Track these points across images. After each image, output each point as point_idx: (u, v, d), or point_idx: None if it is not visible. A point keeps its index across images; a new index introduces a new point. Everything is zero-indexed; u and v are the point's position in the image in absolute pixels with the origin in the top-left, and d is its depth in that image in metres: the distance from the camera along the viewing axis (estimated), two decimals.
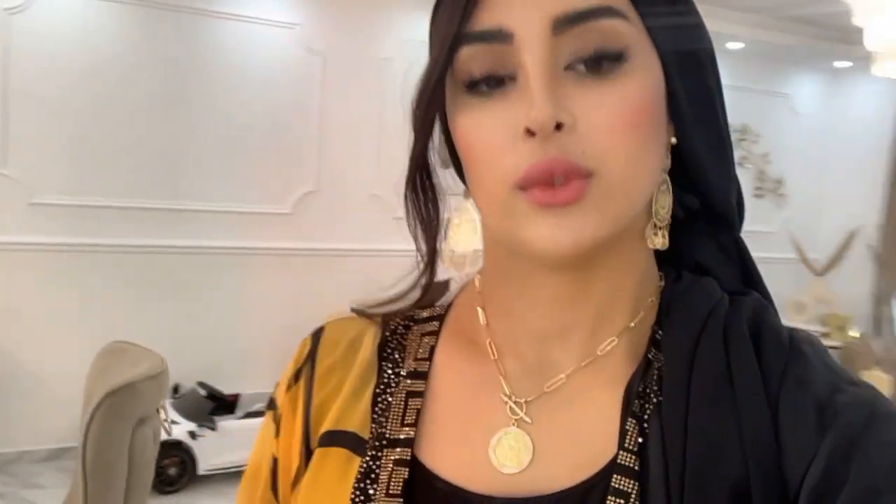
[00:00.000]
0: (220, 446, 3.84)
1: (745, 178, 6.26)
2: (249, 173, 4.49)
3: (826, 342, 3.69)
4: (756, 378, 0.50)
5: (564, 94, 0.50)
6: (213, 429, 3.81)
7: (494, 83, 0.52)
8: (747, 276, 0.61)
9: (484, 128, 0.52)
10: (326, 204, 4.72)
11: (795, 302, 5.86)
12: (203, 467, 3.85)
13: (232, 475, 4.04)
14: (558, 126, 0.49)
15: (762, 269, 0.61)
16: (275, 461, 0.64)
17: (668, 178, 0.57)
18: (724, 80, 0.62)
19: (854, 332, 5.52)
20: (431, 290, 0.62)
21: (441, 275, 0.63)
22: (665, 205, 0.56)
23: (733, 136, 0.75)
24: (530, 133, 0.49)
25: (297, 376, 0.64)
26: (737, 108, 6.07)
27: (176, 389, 4.15)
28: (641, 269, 0.58)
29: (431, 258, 0.61)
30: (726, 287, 0.58)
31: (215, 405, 4.07)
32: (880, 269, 6.00)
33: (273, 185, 4.57)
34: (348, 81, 4.70)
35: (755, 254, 0.62)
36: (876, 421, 0.49)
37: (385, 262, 4.91)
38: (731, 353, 0.52)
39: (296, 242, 4.66)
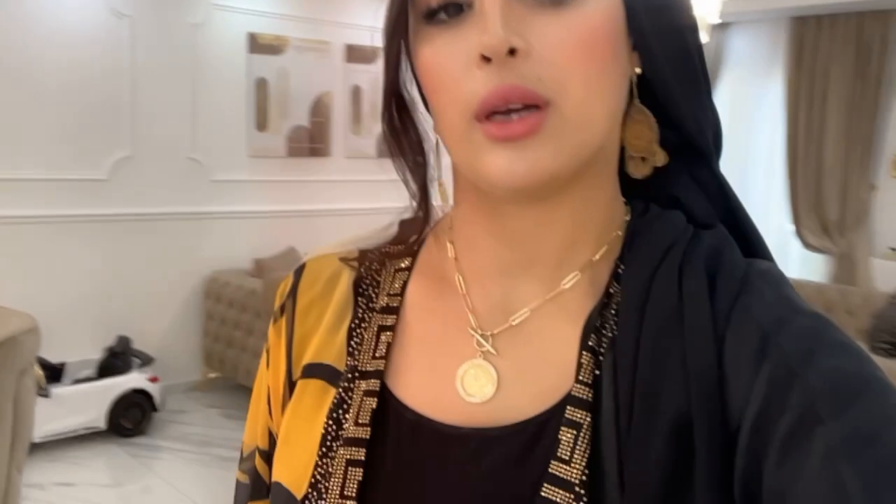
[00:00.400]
0: (51, 414, 3.86)
1: None
2: (62, 140, 4.42)
3: None
4: (704, 313, 0.50)
5: (520, 20, 0.49)
6: (46, 396, 3.83)
7: (453, 10, 0.51)
8: (728, 209, 0.62)
9: (441, 55, 0.52)
10: (142, 169, 4.74)
11: None
12: (38, 435, 3.87)
13: (67, 441, 4.08)
14: (512, 52, 0.48)
15: None
16: (268, 390, 0.68)
17: (644, 108, 0.57)
18: None
19: None
20: (404, 227, 0.64)
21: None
22: (640, 135, 0.57)
23: None
24: (485, 59, 0.49)
25: (281, 310, 0.67)
26: None
27: None
28: (606, 202, 0.58)
29: (423, 194, 0.60)
30: (700, 221, 0.58)
31: (45, 374, 4.06)
32: None
33: (87, 151, 4.53)
34: (159, 46, 4.72)
35: None
36: (818, 348, 0.48)
37: (204, 225, 5.06)
38: (685, 287, 0.52)
39: (112, 208, 4.66)
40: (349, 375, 0.59)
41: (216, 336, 4.95)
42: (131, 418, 4.29)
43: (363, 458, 0.55)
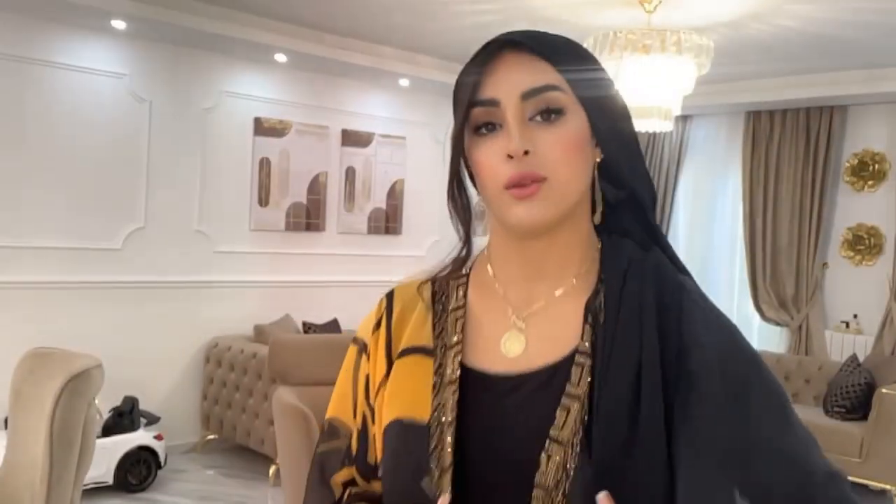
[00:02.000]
0: None
1: None
2: (81, 211, 4.78)
3: None
4: (651, 302, 0.86)
5: (529, 134, 0.86)
6: None
7: (490, 128, 0.88)
8: (656, 239, 0.96)
9: (484, 154, 0.88)
10: (153, 240, 5.10)
11: None
12: None
13: None
14: (526, 152, 0.85)
15: None
16: (367, 377, 1.00)
17: (598, 180, 0.93)
18: None
19: None
20: (459, 262, 0.99)
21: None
22: (597, 197, 0.94)
23: None
24: (510, 157, 0.85)
25: (378, 325, 1.01)
26: None
27: None
28: (584, 236, 0.94)
29: (467, 238, 0.97)
30: (641, 246, 0.93)
31: None
32: None
33: (104, 222, 4.89)
34: (173, 128, 5.15)
35: None
36: (727, 336, 0.88)
37: (208, 293, 5.39)
38: (643, 290, 0.88)
39: (124, 276, 4.99)
40: (440, 350, 0.94)
41: (215, 398, 5.21)
42: (137, 474, 4.51)
43: (458, 393, 0.90)
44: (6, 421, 2.79)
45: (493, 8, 4.57)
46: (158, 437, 4.64)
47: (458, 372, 0.92)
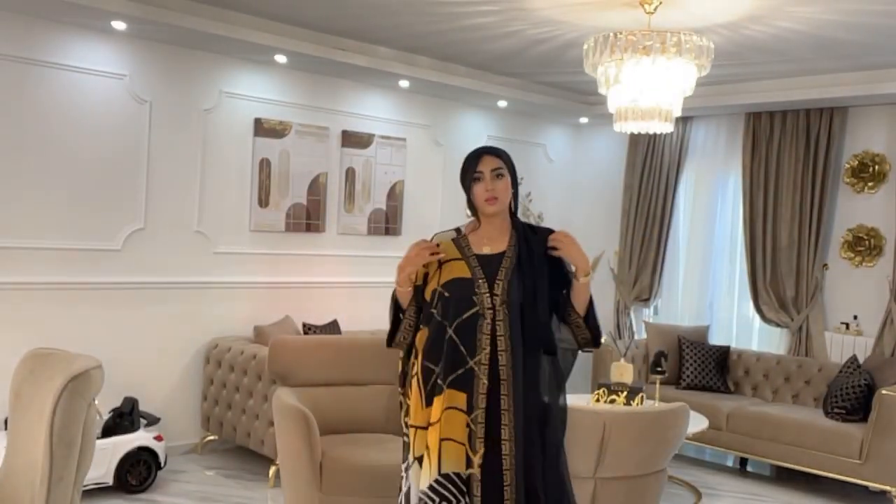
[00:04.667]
0: None
1: None
2: (81, 212, 4.78)
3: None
4: (541, 250, 2.55)
5: (492, 183, 2.54)
6: None
7: (480, 176, 2.55)
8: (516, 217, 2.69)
9: (477, 191, 2.56)
10: (153, 240, 5.10)
11: None
12: None
13: None
14: (492, 191, 2.54)
15: None
16: (428, 275, 2.59)
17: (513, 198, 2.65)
18: (496, 132, 2.36)
19: (603, 337, 6.71)
20: (468, 226, 2.67)
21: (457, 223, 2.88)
22: (514, 204, 2.68)
23: None
24: (489, 192, 2.55)
25: (437, 245, 2.58)
26: None
27: None
28: (507, 219, 2.63)
29: (475, 216, 2.63)
30: (521, 221, 2.68)
31: None
32: (618, 286, 7.34)
33: (104, 223, 4.89)
34: (173, 129, 5.15)
35: None
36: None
37: (208, 294, 5.39)
38: (536, 239, 2.59)
39: (124, 277, 4.98)
40: (466, 255, 2.57)
41: (215, 399, 5.22)
42: (137, 475, 4.51)
43: (479, 265, 2.54)
44: (6, 422, 2.80)
45: (493, 9, 4.57)
46: (158, 438, 4.63)
47: (477, 258, 2.55)
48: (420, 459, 2.49)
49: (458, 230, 2.65)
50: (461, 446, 2.43)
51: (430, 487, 2.41)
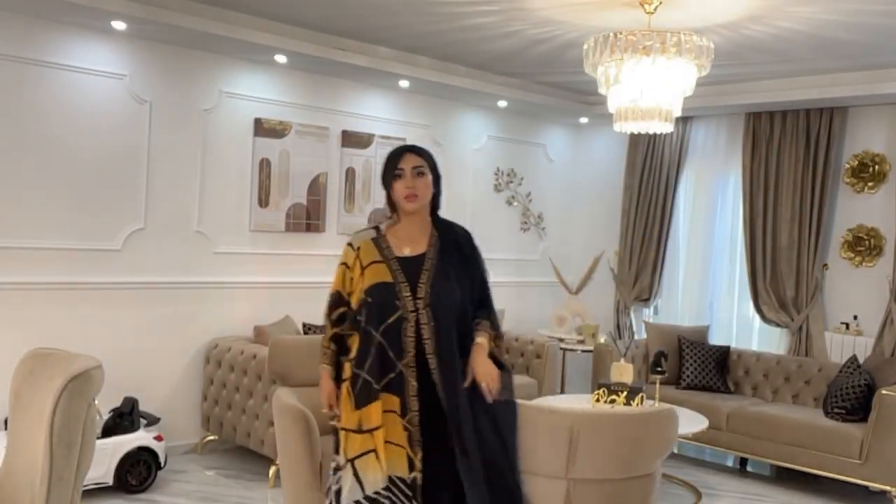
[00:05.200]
0: None
1: (514, 214, 7.37)
2: (81, 212, 4.78)
3: (582, 346, 4.96)
4: (457, 245, 2.78)
5: (413, 180, 2.71)
6: None
7: (400, 173, 2.72)
8: (437, 214, 2.88)
9: (398, 187, 2.72)
10: (153, 241, 5.10)
11: (557, 316, 6.99)
12: None
13: None
14: (412, 189, 2.70)
15: (532, 290, 1.92)
16: (350, 278, 2.75)
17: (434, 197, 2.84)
18: (496, 132, 2.72)
19: (602, 337, 6.72)
20: (385, 226, 2.83)
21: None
22: (436, 203, 2.86)
23: (504, 179, 5.96)
24: (409, 189, 2.71)
25: (354, 248, 2.76)
26: (505, 155, 7.20)
27: None
28: (428, 218, 2.81)
29: (393, 212, 2.81)
30: (442, 220, 2.86)
31: None
32: (618, 286, 7.34)
33: (104, 223, 4.89)
34: (173, 129, 5.15)
35: (524, 279, 2.10)
36: (465, 232, 2.90)
37: (208, 294, 5.39)
38: (451, 234, 2.82)
39: (124, 277, 4.98)
40: (387, 258, 2.71)
41: (215, 399, 5.21)
42: (137, 475, 4.51)
43: (400, 269, 2.69)
44: (6, 422, 2.80)
45: (493, 9, 4.57)
46: (158, 438, 4.63)
47: (398, 261, 2.70)
48: (353, 461, 2.58)
49: (377, 228, 2.76)
50: (402, 449, 2.56)
51: (378, 493, 2.54)
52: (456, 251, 2.72)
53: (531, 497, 2.78)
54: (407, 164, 2.68)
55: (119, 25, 4.67)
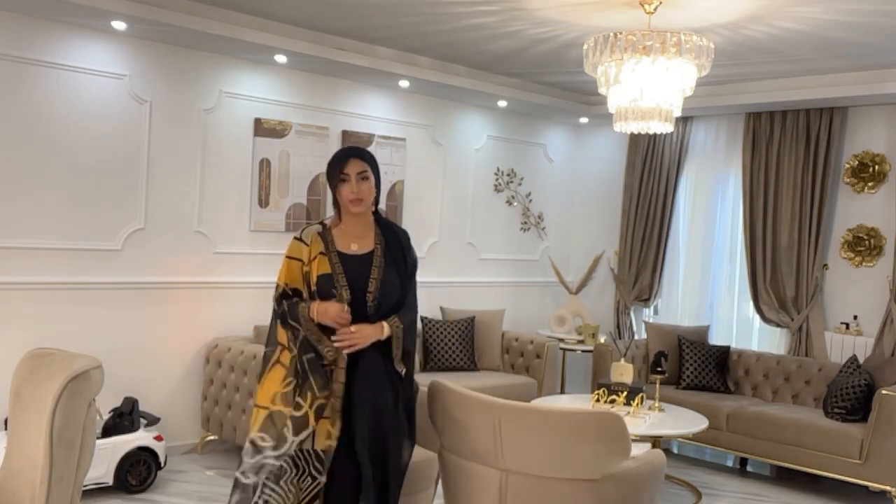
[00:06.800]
0: None
1: (514, 214, 7.37)
2: (80, 212, 4.78)
3: (582, 346, 4.97)
4: (400, 246, 3.01)
5: (358, 185, 2.87)
6: None
7: (345, 178, 2.88)
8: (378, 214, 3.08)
9: (343, 191, 2.89)
10: (153, 240, 5.10)
11: (557, 316, 7.00)
12: None
13: None
14: (357, 193, 2.88)
15: (532, 290, 1.81)
16: (303, 266, 2.90)
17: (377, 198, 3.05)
18: (496, 132, 2.63)
19: (602, 337, 6.72)
20: (331, 221, 3.00)
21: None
22: (376, 201, 3.03)
23: (504, 179, 6.35)
24: (354, 194, 2.89)
25: (304, 242, 2.91)
26: (505, 155, 7.20)
27: None
28: (371, 218, 3.01)
29: (338, 213, 2.98)
30: (385, 218, 3.12)
31: None
32: (618, 286, 7.34)
33: (104, 223, 4.89)
34: (173, 129, 5.15)
35: (524, 279, 1.79)
36: (405, 235, 3.11)
37: (208, 294, 5.38)
38: (397, 240, 3.03)
39: (124, 277, 4.98)
40: (329, 251, 2.90)
41: (215, 399, 5.21)
42: (137, 475, 4.51)
43: (339, 262, 2.87)
44: (6, 422, 2.80)
45: (493, 9, 4.57)
46: (158, 438, 4.63)
47: (337, 255, 2.88)
48: (261, 436, 2.80)
49: (322, 224, 2.98)
50: (327, 420, 2.78)
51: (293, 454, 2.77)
52: (399, 251, 2.98)
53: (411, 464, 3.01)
54: (352, 169, 2.85)
55: (119, 25, 4.67)
